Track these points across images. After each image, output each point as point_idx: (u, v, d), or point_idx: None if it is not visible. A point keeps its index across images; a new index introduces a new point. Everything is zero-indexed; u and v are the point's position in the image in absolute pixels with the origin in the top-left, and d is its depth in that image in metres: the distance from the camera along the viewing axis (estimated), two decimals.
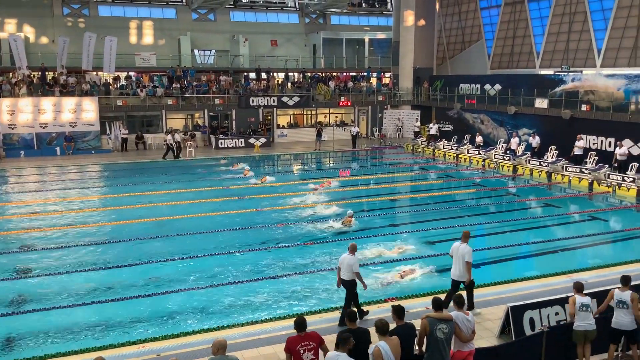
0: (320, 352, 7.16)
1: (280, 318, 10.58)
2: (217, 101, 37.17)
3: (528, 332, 9.16)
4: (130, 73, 39.84)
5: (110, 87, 36.15)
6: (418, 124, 37.72)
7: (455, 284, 10.74)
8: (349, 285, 10.30)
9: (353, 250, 10.39)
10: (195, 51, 45.44)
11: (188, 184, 23.93)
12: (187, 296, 11.96)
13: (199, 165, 29.47)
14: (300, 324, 7.09)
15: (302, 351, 6.97)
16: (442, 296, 9.89)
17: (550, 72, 32.09)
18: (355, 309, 7.52)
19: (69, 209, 20.05)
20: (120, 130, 33.93)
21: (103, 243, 15.83)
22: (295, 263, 14.02)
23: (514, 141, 29.36)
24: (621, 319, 8.48)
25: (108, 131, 34.03)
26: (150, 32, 44.04)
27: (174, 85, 37.18)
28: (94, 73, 37.05)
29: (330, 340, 7.39)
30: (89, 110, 33.49)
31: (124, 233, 16.80)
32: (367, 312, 10.37)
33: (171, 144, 31.29)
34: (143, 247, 15.46)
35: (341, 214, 18.44)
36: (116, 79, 37.86)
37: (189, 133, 36.08)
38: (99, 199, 22.00)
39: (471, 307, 10.55)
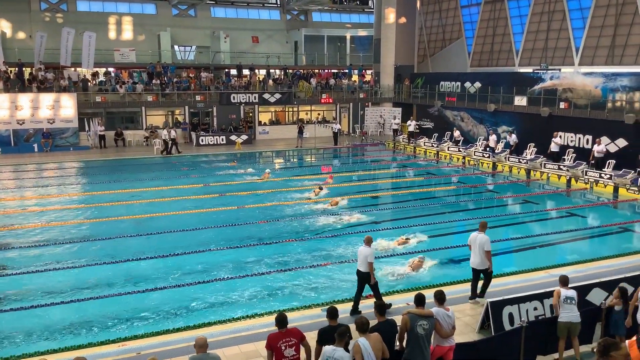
0: (302, 348, 7.18)
1: (261, 315, 10.57)
2: (197, 98, 36.93)
3: (507, 327, 9.26)
4: (110, 69, 39.38)
5: (89, 83, 35.70)
6: (397, 121, 37.87)
7: (476, 273, 11.07)
8: (364, 277, 10.53)
9: (369, 242, 10.64)
10: (176, 47, 45.09)
11: (169, 181, 23.76)
12: (168, 294, 11.88)
13: (180, 163, 29.27)
14: (281, 320, 7.10)
15: (283, 347, 6.97)
16: (425, 292, 9.94)
17: (529, 70, 32.42)
18: (335, 307, 7.50)
19: (47, 206, 19.78)
20: (97, 127, 33.53)
21: (82, 241, 15.66)
22: (277, 260, 14.02)
23: (492, 138, 29.70)
24: None
25: (87, 128, 33.63)
26: (129, 27, 43.57)
27: (154, 81, 36.85)
28: (72, 69, 36.58)
29: (311, 336, 7.40)
30: (67, 106, 33.04)
31: (103, 230, 16.62)
32: (360, 312, 10.40)
33: (167, 140, 31.39)
34: (122, 244, 15.32)
35: (326, 211, 18.52)
36: (94, 74, 37.36)
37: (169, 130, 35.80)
38: (77, 197, 21.71)
39: (482, 294, 10.92)
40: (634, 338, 6.04)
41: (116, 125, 35.05)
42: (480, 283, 11.17)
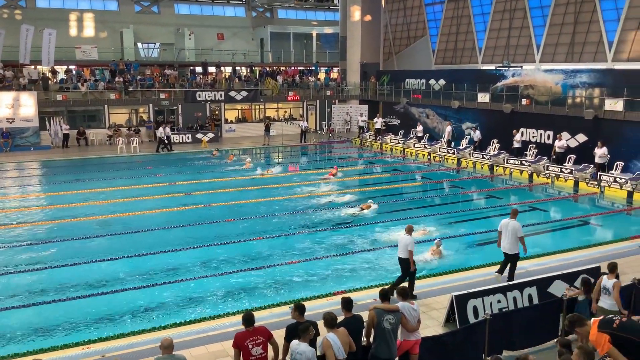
0: (270, 347, 7.18)
1: (228, 314, 10.50)
2: (162, 95, 36.44)
3: (472, 320, 9.41)
4: (71, 67, 38.53)
5: (50, 81, 34.87)
6: (363, 118, 38.09)
7: (508, 256, 11.83)
8: (405, 264, 11.02)
9: (409, 230, 11.21)
10: (139, 44, 44.40)
11: (133, 181, 23.40)
12: (133, 295, 11.71)
13: (145, 161, 28.86)
14: (248, 319, 7.07)
15: (250, 346, 6.96)
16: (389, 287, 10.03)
17: (491, 67, 32.97)
18: (302, 304, 7.52)
19: (7, 207, 19.30)
20: (60, 126, 32.79)
21: (44, 242, 15.31)
22: (244, 258, 13.96)
23: (448, 130, 30.28)
24: None
25: (48, 127, 32.84)
26: (91, 24, 42.73)
27: (116, 79, 36.21)
28: (32, 67, 35.67)
29: (279, 334, 7.40)
30: (27, 105, 32.22)
31: (66, 232, 16.27)
32: (416, 297, 10.98)
33: (162, 137, 31.22)
34: (86, 246, 15.04)
35: (298, 208, 18.51)
36: (53, 72, 36.47)
37: (133, 128, 35.29)
38: (39, 197, 21.22)
39: (511, 278, 11.53)
40: (599, 318, 6.25)
41: (78, 124, 34.33)
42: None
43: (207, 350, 9.15)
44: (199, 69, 41.89)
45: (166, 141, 31.58)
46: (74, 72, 37.58)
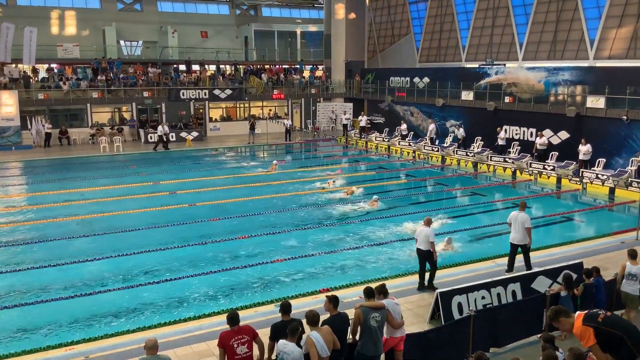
0: (255, 345, 7.16)
1: (213, 314, 10.46)
2: (145, 94, 36.14)
3: (456, 316, 9.46)
4: (53, 65, 38.06)
5: (31, 79, 34.42)
6: (347, 116, 38.10)
7: (515, 247, 12.26)
8: (424, 255, 11.32)
9: (428, 222, 11.52)
10: (122, 42, 44.00)
11: (117, 180, 23.20)
12: (117, 295, 11.62)
13: (128, 160, 28.62)
14: (233, 318, 7.04)
15: (235, 345, 6.94)
16: (373, 285, 10.04)
17: (475, 65, 33.19)
18: (288, 302, 7.51)
19: None
20: (43, 125, 32.39)
21: (26, 243, 15.13)
22: (228, 257, 13.91)
23: (431, 127, 30.43)
24: None
25: (29, 126, 32.43)
26: (73, 22, 42.23)
27: (99, 77, 35.85)
28: (13, 65, 35.18)
29: (264, 333, 7.38)
30: (8, 104, 31.78)
31: (49, 232, 16.10)
32: (437, 288, 10.98)
33: (162, 135, 31.21)
34: (69, 246, 14.88)
35: (284, 207, 18.47)
36: (35, 70, 36.01)
37: (115, 127, 34.98)
38: (20, 198, 20.96)
39: (529, 267, 11.94)
40: (584, 311, 6.28)
41: (60, 123, 33.95)
42: (519, 257, 12.35)
43: (192, 350, 9.11)
44: (182, 67, 41.62)
45: (165, 139, 31.57)
46: (55, 70, 37.13)
